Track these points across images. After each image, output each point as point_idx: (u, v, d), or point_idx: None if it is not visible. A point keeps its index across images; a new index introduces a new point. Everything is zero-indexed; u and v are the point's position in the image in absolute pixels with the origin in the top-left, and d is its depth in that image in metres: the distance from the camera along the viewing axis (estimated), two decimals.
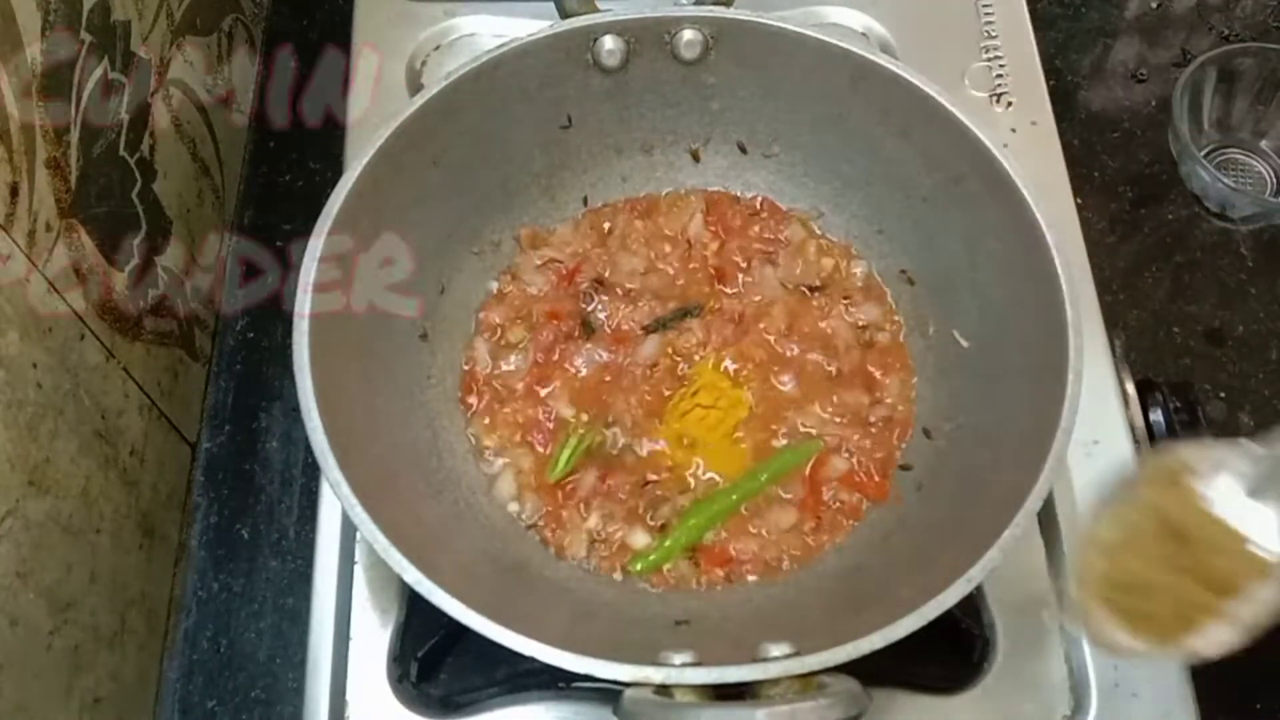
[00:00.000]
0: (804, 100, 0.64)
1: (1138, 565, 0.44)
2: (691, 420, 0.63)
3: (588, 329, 0.65)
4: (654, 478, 0.61)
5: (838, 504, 0.60)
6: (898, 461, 0.61)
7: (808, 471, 0.61)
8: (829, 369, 0.64)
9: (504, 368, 0.64)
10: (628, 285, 0.66)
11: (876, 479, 0.61)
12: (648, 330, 0.65)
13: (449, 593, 0.46)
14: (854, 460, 0.61)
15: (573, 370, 0.64)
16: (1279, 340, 0.75)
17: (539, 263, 0.67)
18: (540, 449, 0.62)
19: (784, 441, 0.62)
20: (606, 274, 0.67)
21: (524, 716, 0.57)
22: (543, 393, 0.63)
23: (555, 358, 0.64)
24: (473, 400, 0.63)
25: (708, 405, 0.63)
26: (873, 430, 0.62)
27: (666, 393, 0.63)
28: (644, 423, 0.62)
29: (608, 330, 0.65)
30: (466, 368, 0.64)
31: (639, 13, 0.62)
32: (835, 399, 0.63)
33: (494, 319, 0.65)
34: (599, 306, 0.66)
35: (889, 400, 0.63)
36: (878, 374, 0.63)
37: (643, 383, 0.64)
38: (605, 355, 0.64)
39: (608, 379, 0.64)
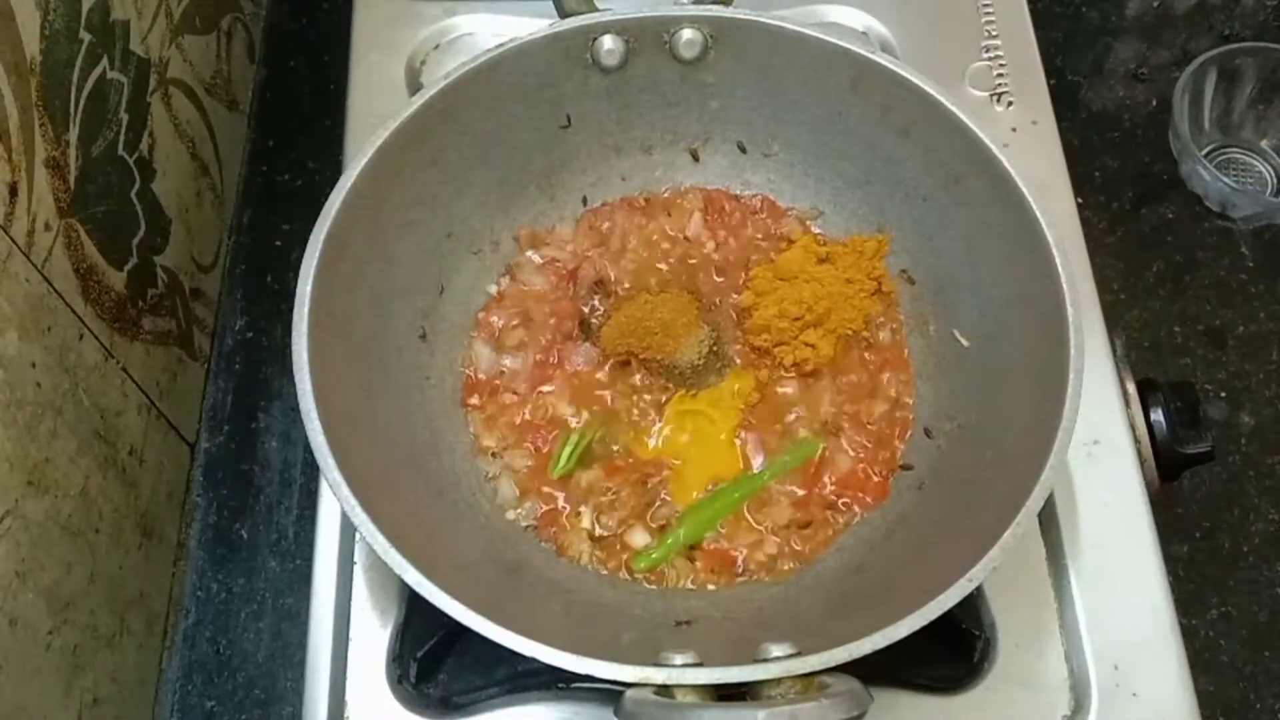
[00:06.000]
0: (804, 100, 0.64)
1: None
2: (692, 420, 0.63)
3: (587, 329, 0.65)
4: (654, 476, 0.61)
5: (838, 503, 0.60)
6: (898, 461, 0.61)
7: (809, 471, 0.61)
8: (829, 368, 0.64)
9: (504, 368, 0.64)
10: (627, 285, 0.66)
11: (877, 478, 0.61)
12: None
13: (449, 593, 0.46)
14: (854, 459, 0.61)
15: (572, 370, 0.64)
16: (1279, 340, 0.75)
17: (539, 262, 0.67)
18: (540, 449, 0.62)
19: (785, 444, 0.62)
20: (606, 274, 0.67)
21: (524, 717, 0.57)
22: (543, 393, 0.63)
23: (555, 358, 0.64)
24: (473, 400, 0.63)
25: (708, 406, 0.63)
26: (873, 430, 0.62)
27: (664, 397, 0.63)
28: (644, 422, 0.62)
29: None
30: (467, 369, 0.64)
31: (638, 12, 0.62)
32: (835, 398, 0.63)
33: (494, 320, 0.65)
34: (599, 306, 0.66)
35: (889, 400, 0.63)
36: (878, 373, 0.63)
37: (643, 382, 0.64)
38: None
39: (608, 378, 0.64)
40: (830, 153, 0.66)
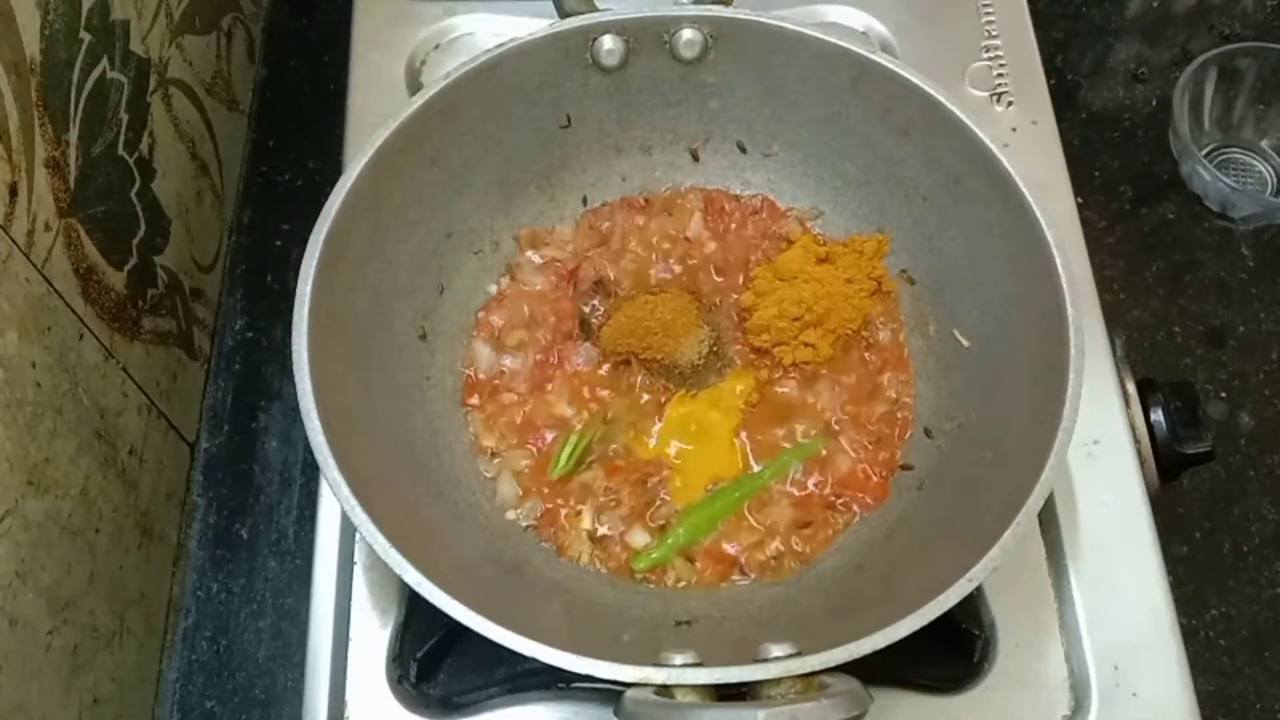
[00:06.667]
0: (804, 100, 0.64)
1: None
2: (692, 420, 0.63)
3: (587, 329, 0.65)
4: (654, 476, 0.61)
5: (838, 503, 0.60)
6: (898, 461, 0.61)
7: (809, 470, 0.61)
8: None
9: (504, 368, 0.64)
10: (627, 285, 0.66)
11: (877, 479, 0.61)
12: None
13: (449, 593, 0.46)
14: (854, 460, 0.61)
15: (572, 370, 0.64)
16: (1279, 340, 0.75)
17: (539, 262, 0.67)
18: (540, 449, 0.62)
19: (785, 444, 0.62)
20: (606, 274, 0.66)
21: (524, 717, 0.57)
22: (543, 393, 0.63)
23: (555, 358, 0.64)
24: (473, 400, 0.63)
25: (708, 406, 0.63)
26: (873, 430, 0.62)
27: (664, 397, 0.63)
28: (644, 422, 0.62)
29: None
30: (467, 369, 0.64)
31: (638, 12, 0.62)
32: (836, 398, 0.63)
33: (494, 320, 0.65)
34: (599, 306, 0.66)
35: (889, 400, 0.62)
36: (878, 373, 0.63)
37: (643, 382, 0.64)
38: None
39: (608, 378, 0.63)
40: (830, 153, 0.66)
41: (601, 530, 0.60)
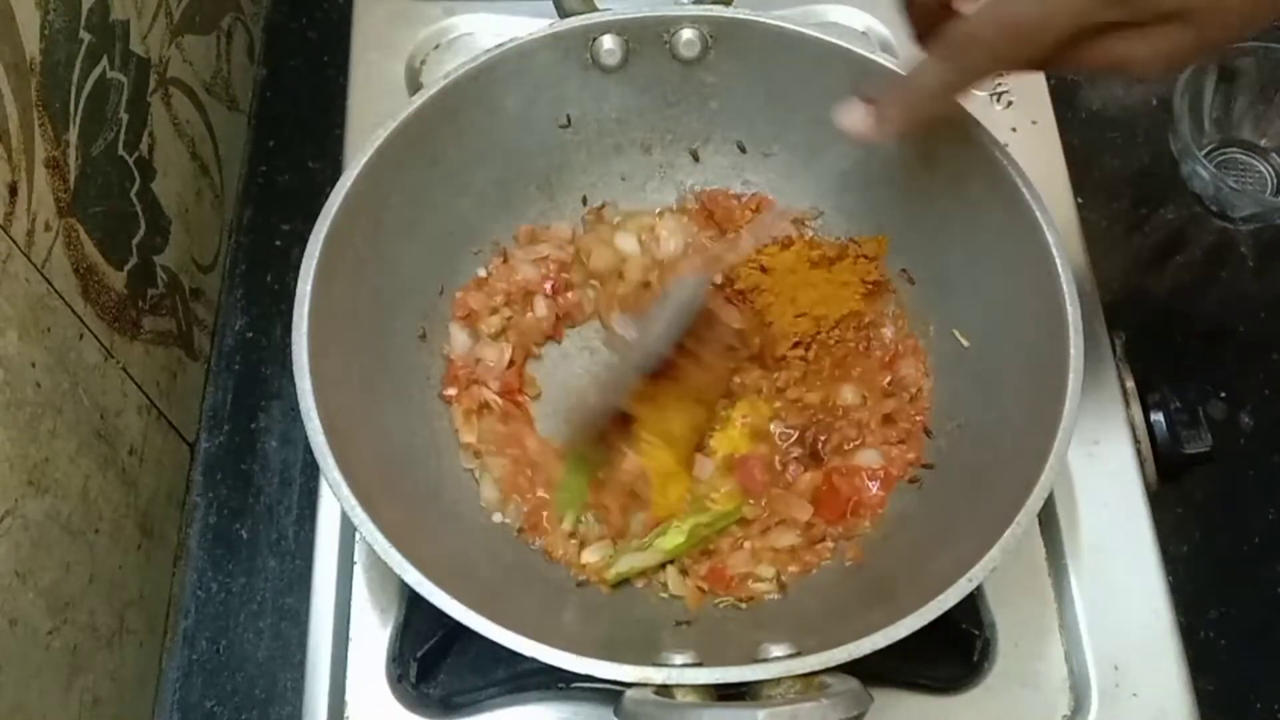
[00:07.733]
0: (804, 100, 0.64)
1: None
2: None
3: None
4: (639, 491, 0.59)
5: (848, 516, 0.59)
6: (919, 460, 0.60)
7: (824, 490, 0.60)
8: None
9: (480, 356, 0.63)
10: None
11: (892, 482, 0.60)
12: None
13: (449, 593, 0.46)
14: (870, 467, 0.60)
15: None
16: (1279, 340, 0.75)
17: (533, 259, 0.66)
18: (520, 456, 0.61)
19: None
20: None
21: (524, 716, 0.57)
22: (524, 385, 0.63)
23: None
24: (450, 391, 0.62)
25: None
26: (891, 431, 0.61)
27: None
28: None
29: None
30: (446, 354, 0.63)
31: (638, 12, 0.62)
32: (845, 404, 0.62)
33: (471, 302, 0.64)
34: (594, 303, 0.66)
35: (902, 401, 0.62)
36: (887, 372, 0.63)
37: None
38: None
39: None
40: (830, 153, 0.66)
41: (584, 536, 0.59)
